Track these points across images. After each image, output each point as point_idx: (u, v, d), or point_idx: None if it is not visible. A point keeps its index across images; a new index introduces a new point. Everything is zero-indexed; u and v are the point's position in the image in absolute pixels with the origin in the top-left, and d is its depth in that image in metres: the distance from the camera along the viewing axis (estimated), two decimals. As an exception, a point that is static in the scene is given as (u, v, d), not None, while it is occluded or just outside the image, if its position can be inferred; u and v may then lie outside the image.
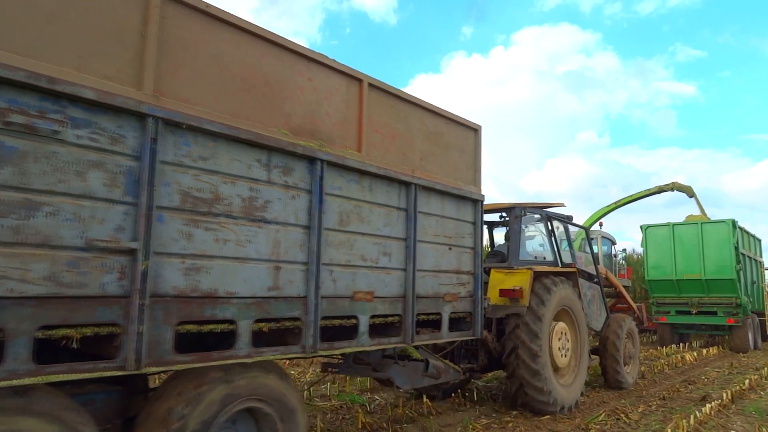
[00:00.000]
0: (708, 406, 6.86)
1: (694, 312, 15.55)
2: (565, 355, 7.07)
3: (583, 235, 11.69)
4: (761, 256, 18.40)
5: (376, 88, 4.30)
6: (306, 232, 3.66)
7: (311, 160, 3.71)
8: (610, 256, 16.30)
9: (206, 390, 3.11)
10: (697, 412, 6.43)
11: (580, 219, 18.20)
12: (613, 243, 16.72)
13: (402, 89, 4.36)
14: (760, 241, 18.38)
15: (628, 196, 20.23)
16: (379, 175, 4.21)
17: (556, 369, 6.85)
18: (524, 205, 7.30)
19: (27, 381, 2.42)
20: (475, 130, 5.39)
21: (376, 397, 7.51)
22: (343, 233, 3.92)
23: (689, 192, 19.56)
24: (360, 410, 6.23)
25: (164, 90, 2.98)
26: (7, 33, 2.44)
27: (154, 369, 2.85)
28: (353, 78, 4.12)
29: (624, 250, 21.27)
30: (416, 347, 5.54)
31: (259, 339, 3.38)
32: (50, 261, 2.50)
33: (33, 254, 2.45)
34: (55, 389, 2.67)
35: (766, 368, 10.65)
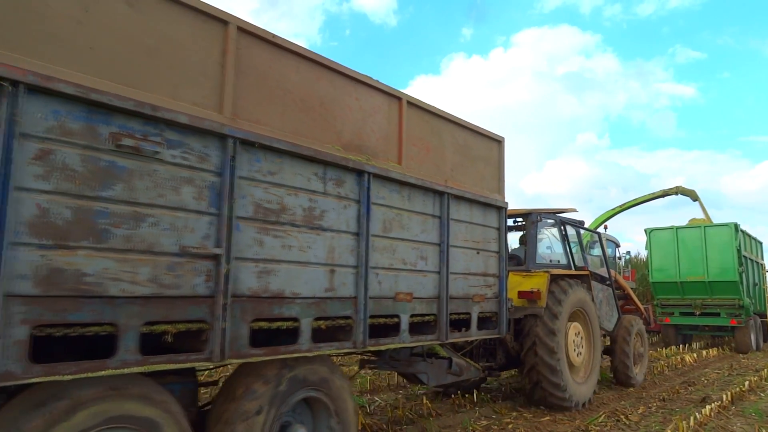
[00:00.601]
0: (708, 407, 6.88)
1: (697, 313, 15.92)
2: (580, 354, 7.43)
3: (589, 237, 12.07)
4: (762, 259, 18.78)
5: (414, 105, 4.67)
6: (355, 238, 4.03)
7: (359, 173, 4.08)
8: (614, 259, 16.66)
9: (273, 380, 3.47)
10: (696, 414, 6.47)
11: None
12: (617, 245, 17.08)
13: (403, 90, 4.58)
14: (761, 243, 18.75)
15: (633, 200, 20.57)
16: (416, 186, 4.58)
17: (571, 367, 7.21)
18: (540, 211, 7.68)
19: (135, 369, 2.79)
20: (498, 141, 5.77)
21: (376, 398, 7.60)
22: (387, 239, 4.29)
23: (693, 196, 19.92)
24: (360, 411, 6.12)
25: (239, 113, 3.35)
26: (116, 67, 2.81)
27: (234, 360, 3.22)
28: (394, 97, 4.50)
29: (628, 253, 21.62)
30: (441, 346, 5.91)
31: (317, 335, 3.74)
32: (153, 265, 2.87)
33: (140, 259, 2.82)
34: (147, 378, 3.03)
35: (765, 370, 10.73)
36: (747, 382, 8.92)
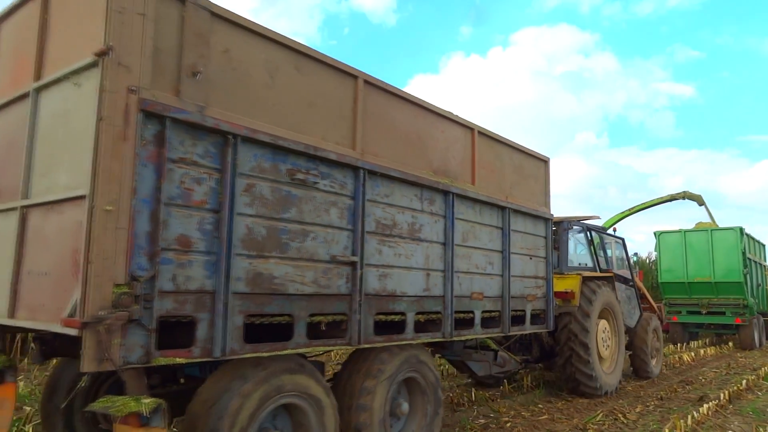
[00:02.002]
0: (705, 406, 6.83)
1: (704, 312, 16.81)
2: (607, 348, 8.28)
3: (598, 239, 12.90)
4: (765, 260, 19.67)
5: (482, 134, 5.52)
6: (443, 247, 4.88)
7: (446, 193, 4.93)
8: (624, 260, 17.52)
9: (394, 356, 4.33)
10: (694, 413, 6.45)
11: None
12: (621, 247, 17.93)
13: (402, 89, 5.16)
14: (764, 245, 19.64)
15: (642, 204, 21.38)
16: (486, 202, 5.43)
17: (600, 359, 8.06)
18: (570, 219, 8.54)
19: (303, 351, 3.63)
20: (545, 161, 6.62)
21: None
22: (464, 248, 5.14)
23: (699, 200, 20.73)
24: None
25: (365, 148, 4.20)
26: (290, 117, 3.66)
27: (365, 345, 4.06)
28: (468, 128, 5.35)
29: (635, 254, 22.48)
30: (491, 339, 6.76)
31: (417, 327, 4.58)
32: (314, 270, 3.72)
33: (306, 266, 3.67)
34: (299, 356, 3.85)
35: (763, 369, 10.77)
36: (744, 381, 8.91)
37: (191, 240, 3.05)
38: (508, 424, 6.08)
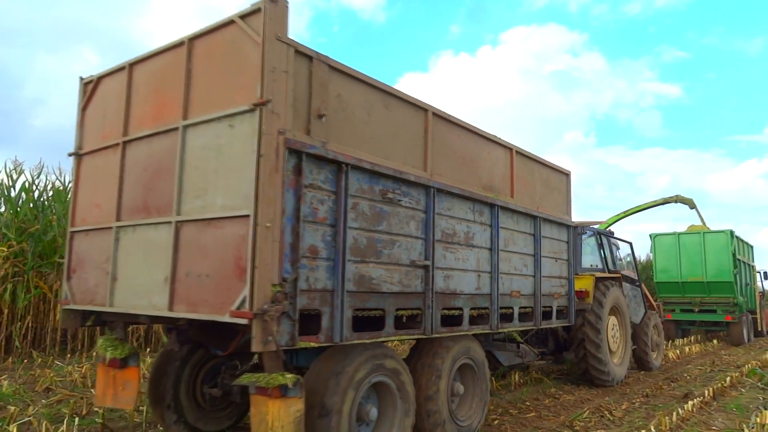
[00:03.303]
0: (690, 403, 6.90)
1: (696, 310, 17.83)
2: (616, 342, 9.15)
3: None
4: (753, 261, 20.75)
5: (519, 153, 6.34)
6: (489, 252, 5.69)
7: (492, 206, 5.74)
8: (620, 260, 18.49)
9: (454, 344, 5.13)
10: (679, 409, 6.52)
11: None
12: (617, 249, 18.91)
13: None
14: (752, 247, 20.72)
15: (636, 207, 22.34)
16: (522, 212, 6.26)
17: (610, 352, 8.92)
18: (583, 224, 9.40)
19: (393, 338, 4.42)
20: (567, 174, 7.47)
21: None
22: (506, 252, 5.96)
23: (690, 204, 21.73)
24: None
25: (433, 170, 4.99)
26: (381, 147, 4.44)
27: (435, 335, 4.86)
28: (508, 148, 6.17)
29: (629, 255, 23.47)
30: (517, 333, 7.59)
31: (470, 320, 5.38)
32: (399, 272, 4.51)
33: (394, 268, 4.46)
34: (382, 344, 4.63)
35: (746, 366, 10.91)
36: (728, 378, 9.05)
37: (318, 249, 3.83)
38: (496, 422, 6.11)
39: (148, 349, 10.52)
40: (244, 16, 3.73)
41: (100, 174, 4.79)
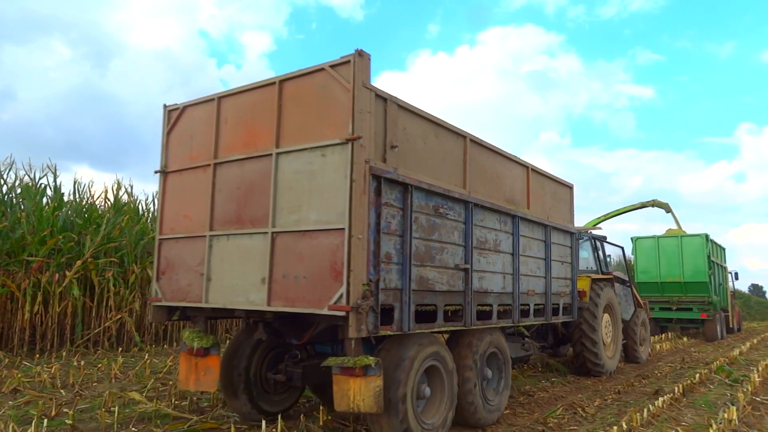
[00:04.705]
0: (660, 399, 7.04)
1: (674, 308, 19.13)
2: (609, 337, 10.18)
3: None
4: (725, 262, 22.17)
5: (533, 170, 7.29)
6: (512, 256, 6.62)
7: (513, 217, 6.67)
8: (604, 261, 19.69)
9: (485, 335, 6.03)
10: (650, 405, 6.67)
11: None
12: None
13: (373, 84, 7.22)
14: (724, 250, 22.15)
15: (615, 211, 23.64)
16: (536, 222, 7.20)
17: (604, 346, 9.94)
18: (580, 230, 10.40)
19: (443, 329, 5.31)
20: (570, 187, 8.46)
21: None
22: (524, 257, 6.89)
23: (666, 208, 23.11)
24: (323, 408, 5.97)
25: (470, 187, 5.89)
26: (433, 169, 5.32)
27: (473, 327, 5.75)
28: (525, 166, 7.11)
29: (609, 256, 24.75)
30: (524, 327, 8.54)
31: (498, 315, 6.30)
32: (446, 274, 5.40)
33: (443, 271, 5.34)
34: (433, 334, 5.50)
35: (715, 363, 11.26)
36: (698, 375, 9.29)
37: (391, 255, 4.70)
38: (470, 419, 6.03)
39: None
40: (334, 66, 4.58)
41: (188, 190, 5.58)
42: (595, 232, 11.35)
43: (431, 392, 5.23)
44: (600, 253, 10.91)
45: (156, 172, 5.90)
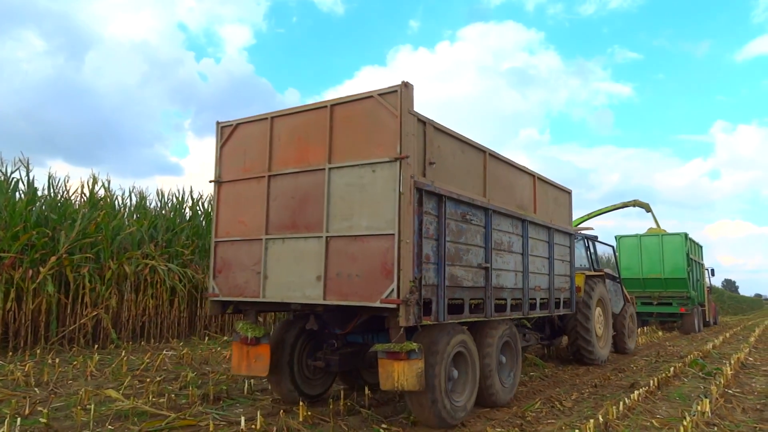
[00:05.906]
0: (636, 392, 7.15)
1: (655, 303, 20.28)
2: (601, 328, 11.11)
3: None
4: (702, 259, 23.41)
5: (539, 178, 8.14)
6: (522, 256, 7.45)
7: (523, 221, 7.50)
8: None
9: (501, 326, 6.85)
10: (626, 399, 6.77)
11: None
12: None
13: (348, 80, 8.10)
14: (702, 247, 23.39)
15: (598, 210, 24.76)
16: (542, 225, 8.05)
17: (597, 337, 10.86)
18: (576, 230, 11.31)
19: (468, 319, 6.11)
20: (569, 193, 9.33)
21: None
22: (532, 256, 7.73)
23: (647, 208, 24.28)
24: (302, 403, 6.00)
25: (489, 196, 6.70)
26: (461, 180, 6.11)
27: (492, 318, 6.57)
28: (532, 175, 7.95)
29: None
30: (526, 319, 9.40)
31: (510, 308, 7.12)
32: (471, 272, 6.20)
33: (469, 269, 6.14)
34: (461, 324, 6.30)
35: (689, 356, 11.60)
36: (672, 369, 9.47)
37: (430, 256, 5.48)
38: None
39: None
40: (382, 94, 5.34)
41: (243, 198, 6.30)
42: (586, 232, 12.28)
43: (458, 375, 6.03)
44: (592, 251, 11.83)
45: (210, 182, 6.60)
